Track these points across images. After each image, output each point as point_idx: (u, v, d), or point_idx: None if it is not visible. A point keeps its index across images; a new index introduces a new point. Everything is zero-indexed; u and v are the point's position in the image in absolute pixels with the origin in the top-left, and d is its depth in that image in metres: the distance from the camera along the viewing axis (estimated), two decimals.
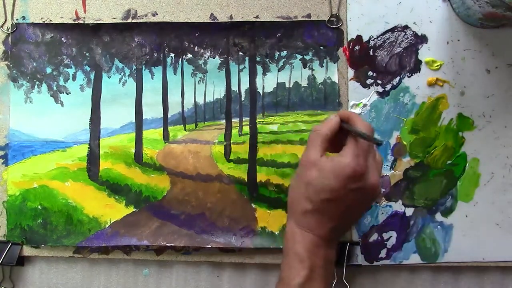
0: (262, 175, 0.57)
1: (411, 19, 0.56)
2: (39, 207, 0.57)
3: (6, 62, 0.58)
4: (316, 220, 0.44)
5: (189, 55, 0.58)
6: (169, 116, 0.58)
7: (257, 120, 0.57)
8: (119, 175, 0.57)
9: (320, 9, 0.57)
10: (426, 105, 0.56)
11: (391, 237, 0.56)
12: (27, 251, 0.58)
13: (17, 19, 0.58)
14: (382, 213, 0.56)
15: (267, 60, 0.57)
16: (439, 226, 0.56)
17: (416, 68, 0.56)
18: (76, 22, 0.58)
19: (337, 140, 0.46)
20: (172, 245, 0.56)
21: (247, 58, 0.57)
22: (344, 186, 0.43)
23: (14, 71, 0.58)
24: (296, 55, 0.57)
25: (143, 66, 0.58)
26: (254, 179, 0.57)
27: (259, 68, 0.57)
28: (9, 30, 0.58)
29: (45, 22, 0.58)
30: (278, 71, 0.57)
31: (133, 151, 0.58)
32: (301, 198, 0.45)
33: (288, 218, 0.47)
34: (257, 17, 0.57)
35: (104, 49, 0.58)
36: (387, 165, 0.56)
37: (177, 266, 0.58)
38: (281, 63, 0.57)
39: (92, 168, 0.58)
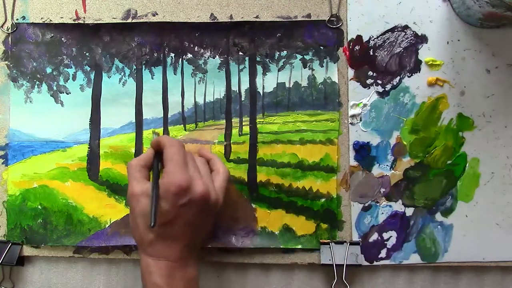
0: (262, 175, 0.57)
1: (411, 19, 0.56)
2: (39, 207, 0.57)
3: (6, 62, 0.58)
4: (163, 246, 0.45)
5: (189, 55, 0.58)
6: (169, 116, 0.58)
7: (257, 120, 0.57)
8: (119, 175, 0.57)
9: (320, 9, 0.57)
10: (426, 105, 0.56)
11: (391, 237, 0.56)
12: (27, 251, 0.58)
13: (17, 19, 0.58)
14: (382, 213, 0.56)
15: (267, 60, 0.57)
16: (439, 226, 0.56)
17: (416, 68, 0.56)
18: (76, 22, 0.58)
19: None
20: None
21: (247, 58, 0.57)
22: (174, 204, 0.43)
23: (14, 71, 0.58)
24: (296, 55, 0.57)
25: (143, 66, 0.58)
26: (254, 179, 0.57)
27: (259, 68, 0.57)
28: (9, 30, 0.58)
29: (45, 22, 0.58)
30: (278, 71, 0.57)
31: (133, 151, 0.58)
32: (142, 231, 0.45)
33: (139, 253, 0.47)
34: (257, 17, 0.57)
35: (104, 49, 0.58)
36: (387, 165, 0.56)
37: None
38: (281, 63, 0.57)
39: (92, 168, 0.58)
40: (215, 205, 0.46)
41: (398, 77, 0.56)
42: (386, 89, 0.56)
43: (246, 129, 0.57)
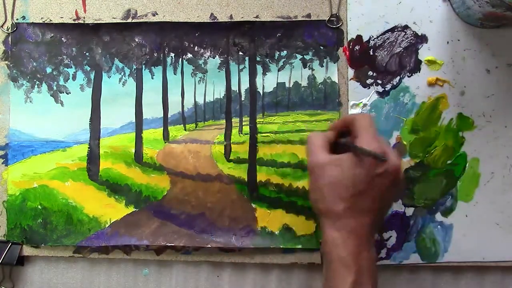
0: (262, 175, 0.57)
1: (411, 19, 0.56)
2: (39, 207, 0.57)
3: (6, 62, 0.58)
4: (353, 219, 0.42)
5: (189, 55, 0.58)
6: (169, 116, 0.58)
7: (257, 120, 0.57)
8: (119, 175, 0.57)
9: (320, 9, 0.57)
10: (426, 105, 0.56)
11: (391, 237, 0.56)
12: (27, 251, 0.58)
13: (17, 19, 0.58)
14: None
15: (267, 60, 0.57)
16: (439, 226, 0.56)
17: (416, 68, 0.56)
18: (76, 22, 0.58)
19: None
20: (172, 245, 0.56)
21: (247, 58, 0.57)
22: (370, 173, 0.42)
23: (14, 71, 0.58)
24: (296, 55, 0.57)
25: (143, 66, 0.58)
26: (254, 179, 0.57)
27: (259, 68, 0.57)
28: (9, 30, 0.58)
29: (45, 22, 0.58)
30: (278, 71, 0.57)
31: (133, 151, 0.58)
32: (331, 200, 0.43)
33: (323, 225, 0.44)
34: (257, 17, 0.57)
35: (104, 49, 0.58)
36: None
37: (177, 266, 0.58)
38: (281, 63, 0.57)
39: (92, 168, 0.58)
40: (403, 180, 0.45)
41: (398, 77, 0.56)
42: (386, 89, 0.56)
43: (246, 129, 0.57)
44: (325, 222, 0.44)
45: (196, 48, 0.58)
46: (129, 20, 0.58)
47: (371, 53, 0.57)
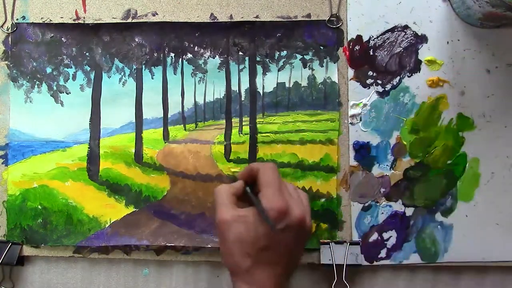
0: None
1: (411, 19, 0.56)
2: (39, 207, 0.57)
3: (6, 62, 0.58)
4: (262, 273, 0.43)
5: (189, 55, 0.58)
6: (169, 116, 0.58)
7: (257, 120, 0.57)
8: (119, 175, 0.57)
9: (320, 9, 0.57)
10: (426, 105, 0.56)
11: (391, 237, 0.56)
12: (27, 251, 0.58)
13: (17, 19, 0.58)
14: (382, 213, 0.56)
15: (267, 60, 0.57)
16: (439, 226, 0.56)
17: (416, 68, 0.56)
18: (76, 22, 0.58)
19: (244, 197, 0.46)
20: (172, 245, 0.56)
21: (247, 58, 0.57)
22: (272, 229, 0.42)
23: (14, 71, 0.58)
24: (296, 55, 0.57)
25: (143, 66, 0.58)
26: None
27: (259, 68, 0.57)
28: (9, 30, 0.58)
29: (45, 22, 0.58)
30: (278, 71, 0.57)
31: (133, 151, 0.58)
32: (238, 256, 0.43)
33: (233, 280, 0.45)
34: (257, 17, 0.57)
35: (104, 49, 0.58)
36: (387, 165, 0.56)
37: (177, 266, 0.58)
38: (281, 63, 0.57)
39: (92, 168, 0.58)
40: (310, 229, 0.45)
41: (398, 77, 0.56)
42: (386, 89, 0.56)
43: (246, 129, 0.57)
44: (234, 277, 0.45)
45: (196, 48, 0.58)
46: (129, 20, 0.58)
47: (371, 53, 0.57)
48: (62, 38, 0.58)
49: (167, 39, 0.58)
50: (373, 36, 0.57)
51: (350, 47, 0.57)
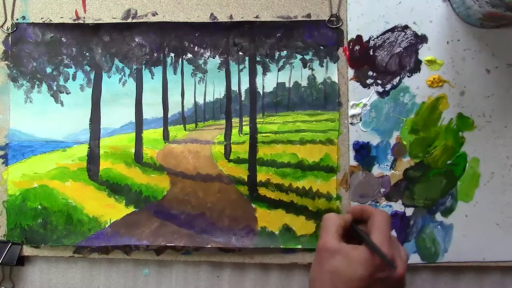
0: (262, 175, 0.57)
1: (411, 19, 0.56)
2: (39, 207, 0.57)
3: (6, 62, 0.58)
4: None
5: (189, 55, 0.58)
6: (169, 116, 0.58)
7: (257, 120, 0.57)
8: (119, 175, 0.57)
9: (320, 9, 0.57)
10: (426, 105, 0.56)
11: None
12: (27, 251, 0.58)
13: (17, 19, 0.58)
14: None
15: (267, 60, 0.57)
16: (439, 226, 0.56)
17: (416, 68, 0.56)
18: (76, 22, 0.58)
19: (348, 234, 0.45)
20: (172, 245, 0.56)
21: (247, 58, 0.57)
22: (373, 275, 0.41)
23: (14, 71, 0.58)
24: (296, 55, 0.57)
25: (143, 66, 0.58)
26: (254, 179, 0.57)
27: (259, 68, 0.57)
28: (9, 30, 0.58)
29: (45, 22, 0.58)
30: (278, 71, 0.57)
31: (133, 151, 0.58)
32: (328, 287, 0.42)
33: None
34: (257, 17, 0.57)
35: (104, 49, 0.58)
36: (387, 165, 0.56)
37: (177, 266, 0.58)
38: (281, 63, 0.57)
39: (92, 168, 0.58)
40: (403, 287, 0.45)
41: (398, 77, 0.56)
42: (386, 89, 0.56)
43: (246, 129, 0.57)
44: None
45: (196, 48, 0.58)
46: (129, 20, 0.58)
47: (371, 53, 0.57)
48: (62, 38, 0.58)
49: (167, 39, 0.58)
50: (373, 36, 0.57)
51: (350, 47, 0.57)
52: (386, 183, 0.56)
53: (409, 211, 0.56)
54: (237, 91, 0.57)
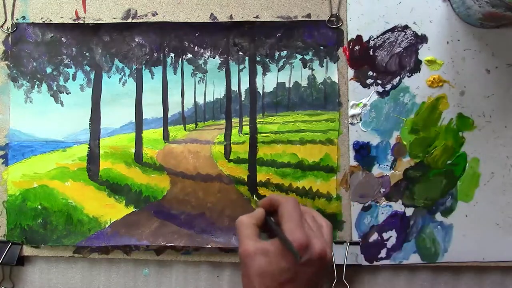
0: (262, 175, 0.57)
1: (411, 19, 0.56)
2: (39, 207, 0.57)
3: (6, 62, 0.58)
4: None
5: (189, 55, 0.58)
6: (169, 116, 0.58)
7: (257, 120, 0.57)
8: (119, 175, 0.57)
9: (320, 9, 0.57)
10: (426, 105, 0.56)
11: (391, 237, 0.56)
12: (27, 251, 0.58)
13: (17, 19, 0.58)
14: (382, 213, 0.56)
15: (267, 60, 0.57)
16: (439, 226, 0.56)
17: (416, 68, 0.56)
18: (76, 22, 0.58)
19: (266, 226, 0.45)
20: (172, 245, 0.56)
21: (247, 58, 0.57)
22: (294, 263, 0.41)
23: (14, 71, 0.58)
24: (296, 55, 0.57)
25: (143, 66, 0.58)
26: (254, 179, 0.57)
27: (259, 68, 0.57)
28: (9, 30, 0.58)
29: (45, 22, 0.58)
30: (278, 71, 0.57)
31: (133, 151, 0.58)
32: None
33: None
34: (257, 17, 0.57)
35: (104, 49, 0.58)
36: (387, 165, 0.56)
37: (177, 266, 0.58)
38: (281, 63, 0.57)
39: (92, 168, 0.58)
40: (330, 262, 0.44)
41: (398, 77, 0.56)
42: (386, 89, 0.56)
43: (246, 129, 0.57)
44: None
45: (196, 48, 0.58)
46: (129, 20, 0.58)
47: (371, 53, 0.57)
48: (62, 38, 0.58)
49: (167, 39, 0.58)
50: (373, 36, 0.57)
51: (350, 47, 0.57)
52: (386, 183, 0.56)
53: (409, 211, 0.56)
54: (237, 91, 0.57)
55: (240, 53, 0.57)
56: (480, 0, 0.50)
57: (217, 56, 0.58)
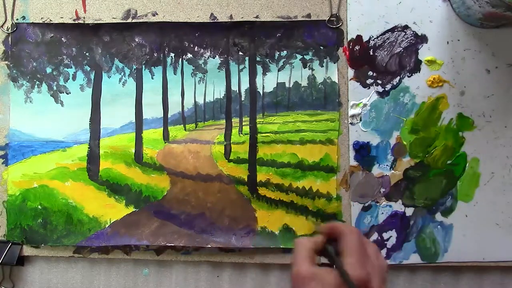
0: (262, 175, 0.57)
1: (411, 19, 0.56)
2: (39, 207, 0.57)
3: (6, 62, 0.58)
4: None
5: (189, 55, 0.58)
6: (169, 116, 0.58)
7: (257, 120, 0.57)
8: (119, 175, 0.57)
9: (320, 9, 0.57)
10: (426, 105, 0.56)
11: (391, 237, 0.56)
12: (27, 251, 0.58)
13: (17, 19, 0.58)
14: (382, 213, 0.56)
15: (267, 60, 0.57)
16: (439, 226, 0.56)
17: (416, 68, 0.56)
18: (76, 22, 0.58)
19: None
20: (172, 245, 0.56)
21: (247, 58, 0.57)
22: None
23: (14, 71, 0.58)
24: (296, 55, 0.57)
25: (143, 66, 0.58)
26: (254, 179, 0.57)
27: (259, 68, 0.57)
28: (9, 30, 0.58)
29: (45, 22, 0.58)
30: (278, 71, 0.57)
31: (133, 151, 0.58)
32: None
33: None
34: (257, 17, 0.57)
35: (104, 49, 0.58)
36: (387, 165, 0.56)
37: (177, 266, 0.58)
38: (281, 63, 0.57)
39: (92, 168, 0.58)
40: None
41: (398, 77, 0.56)
42: (386, 89, 0.56)
43: (246, 129, 0.57)
44: None
45: (196, 48, 0.58)
46: (129, 20, 0.58)
47: (371, 53, 0.57)
48: (62, 38, 0.58)
49: (167, 39, 0.58)
50: (373, 36, 0.57)
51: (350, 47, 0.57)
52: (386, 183, 0.56)
53: (409, 211, 0.56)
54: (237, 91, 0.57)
55: (240, 53, 0.57)
56: (480, 0, 0.50)
57: (217, 56, 0.58)
